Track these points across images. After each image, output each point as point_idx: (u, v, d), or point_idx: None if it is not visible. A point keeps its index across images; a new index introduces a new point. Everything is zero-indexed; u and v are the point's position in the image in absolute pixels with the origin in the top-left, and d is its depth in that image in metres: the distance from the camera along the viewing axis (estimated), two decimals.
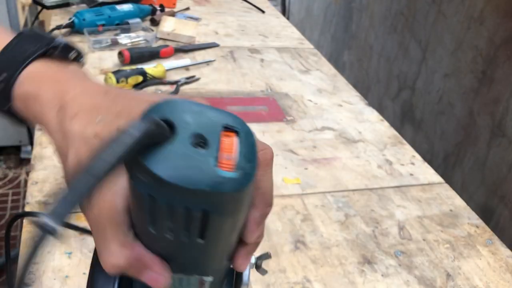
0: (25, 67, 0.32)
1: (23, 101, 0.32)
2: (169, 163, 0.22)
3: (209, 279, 0.30)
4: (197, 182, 0.22)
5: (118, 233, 0.27)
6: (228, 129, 0.25)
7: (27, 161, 2.15)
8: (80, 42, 1.21)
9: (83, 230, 0.64)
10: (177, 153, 0.23)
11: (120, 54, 1.12)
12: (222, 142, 0.24)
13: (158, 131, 0.22)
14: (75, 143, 0.28)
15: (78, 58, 0.35)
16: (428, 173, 0.87)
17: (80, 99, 0.30)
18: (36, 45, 0.33)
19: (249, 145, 0.25)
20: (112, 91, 0.30)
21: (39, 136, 0.83)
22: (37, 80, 0.32)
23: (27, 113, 0.32)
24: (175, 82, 1.07)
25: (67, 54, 0.34)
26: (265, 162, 0.28)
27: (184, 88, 1.07)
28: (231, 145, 0.24)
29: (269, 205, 0.29)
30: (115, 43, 1.21)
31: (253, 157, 0.25)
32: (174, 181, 0.22)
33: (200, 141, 0.23)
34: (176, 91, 1.03)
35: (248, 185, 0.24)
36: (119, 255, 0.27)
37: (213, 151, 0.23)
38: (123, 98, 0.30)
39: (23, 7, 2.20)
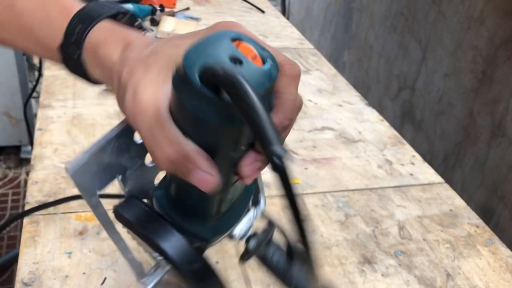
0: (97, 22, 0.37)
1: (93, 48, 0.36)
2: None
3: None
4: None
5: (165, 130, 0.29)
6: (235, 39, 0.29)
7: (27, 161, 2.15)
8: None
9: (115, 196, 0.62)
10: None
11: None
12: (240, 48, 0.29)
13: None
14: (131, 64, 0.32)
15: (142, 28, 0.40)
16: (428, 173, 0.87)
17: (139, 42, 0.34)
18: (108, 8, 0.38)
19: (256, 43, 0.30)
20: (164, 39, 0.35)
21: (39, 136, 0.83)
22: (106, 31, 0.36)
23: (95, 60, 0.36)
24: None
25: (133, 22, 0.39)
26: (291, 75, 0.31)
27: None
28: (249, 48, 0.29)
29: (288, 118, 0.31)
30: None
31: (266, 51, 0.30)
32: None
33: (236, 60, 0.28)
34: None
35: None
36: (170, 149, 0.29)
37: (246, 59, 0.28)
38: (170, 38, 0.34)
39: None
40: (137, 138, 0.37)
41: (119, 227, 0.40)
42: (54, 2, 0.38)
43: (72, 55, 0.37)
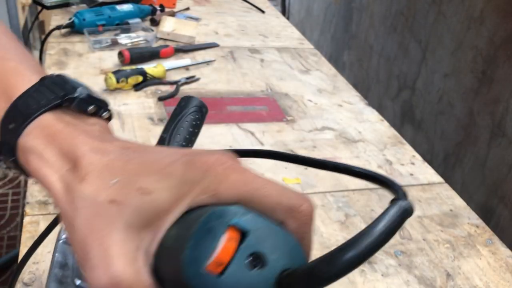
0: (33, 119, 0.29)
1: (25, 155, 0.29)
2: None
3: None
4: None
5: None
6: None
7: None
8: (80, 42, 1.21)
9: None
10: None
11: (120, 54, 1.12)
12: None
13: None
14: (86, 211, 0.26)
15: (99, 112, 0.32)
16: (428, 173, 0.87)
17: (91, 159, 0.27)
18: (50, 96, 0.30)
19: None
20: (130, 148, 0.28)
21: None
22: (43, 135, 0.29)
23: (29, 170, 0.29)
24: (175, 82, 1.07)
25: (85, 108, 0.31)
26: (305, 219, 0.26)
27: (184, 88, 1.07)
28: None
29: None
30: (115, 43, 1.21)
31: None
32: None
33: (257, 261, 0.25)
34: (176, 91, 1.03)
35: None
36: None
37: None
38: (141, 154, 0.27)
39: (23, 7, 2.20)
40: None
41: None
42: None
43: (7, 157, 0.30)
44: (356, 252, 0.23)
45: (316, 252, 0.25)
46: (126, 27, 1.28)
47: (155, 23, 1.36)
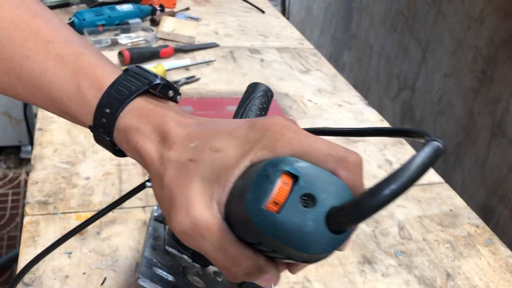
0: (127, 104, 0.35)
1: (125, 134, 0.35)
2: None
3: None
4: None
5: (235, 249, 0.30)
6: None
7: (27, 161, 2.15)
8: None
9: None
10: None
11: (120, 54, 1.12)
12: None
13: None
14: (173, 170, 0.31)
15: (175, 96, 0.38)
16: (428, 173, 0.87)
17: (176, 131, 0.33)
18: (139, 83, 0.36)
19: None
20: (205, 121, 0.34)
21: (39, 136, 0.83)
22: (138, 115, 0.34)
23: (128, 145, 0.35)
24: (175, 82, 1.07)
25: (166, 92, 0.37)
26: (354, 168, 0.30)
27: (184, 88, 1.07)
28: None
29: None
30: (115, 43, 1.21)
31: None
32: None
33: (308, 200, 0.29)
34: None
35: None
36: (246, 265, 0.31)
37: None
38: (213, 124, 0.33)
39: None
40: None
41: None
42: (84, 75, 0.36)
43: (103, 137, 0.36)
44: (395, 186, 0.26)
45: None
46: (126, 27, 1.28)
47: (155, 23, 1.36)
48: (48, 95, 0.37)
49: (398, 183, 0.26)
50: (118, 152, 0.38)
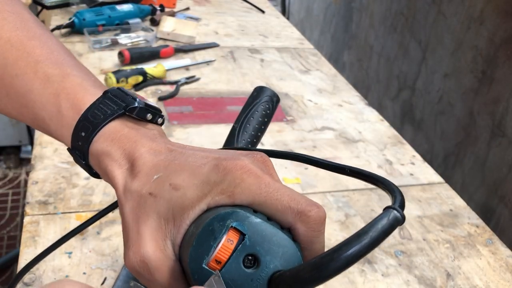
0: (101, 128, 0.34)
1: (97, 157, 0.34)
2: None
3: None
4: None
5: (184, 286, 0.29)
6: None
7: (27, 161, 2.15)
8: (80, 42, 1.21)
9: None
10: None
11: (120, 54, 1.12)
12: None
13: None
14: (132, 202, 0.31)
15: (155, 118, 0.37)
16: (428, 173, 0.87)
17: (144, 159, 0.32)
18: (115, 107, 0.35)
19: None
20: (178, 150, 0.33)
21: (39, 136, 0.83)
22: (110, 139, 0.34)
23: (99, 169, 0.35)
24: (175, 82, 1.07)
25: (144, 115, 0.36)
26: (314, 224, 0.28)
27: (184, 88, 1.07)
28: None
29: None
30: (115, 43, 1.21)
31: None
32: None
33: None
34: (176, 91, 1.03)
35: None
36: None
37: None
38: (183, 155, 0.32)
39: None
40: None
41: None
42: (66, 96, 0.36)
43: (80, 160, 0.36)
44: (340, 260, 0.24)
45: None
46: (126, 27, 1.28)
47: (155, 23, 1.36)
48: (32, 113, 0.37)
49: (342, 259, 0.24)
50: (96, 175, 0.37)
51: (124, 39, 1.23)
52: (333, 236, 0.70)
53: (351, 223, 0.73)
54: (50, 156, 0.78)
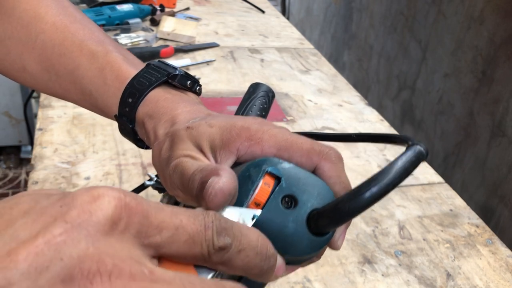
0: (147, 93, 0.38)
1: (142, 120, 0.38)
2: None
3: None
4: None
5: None
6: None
7: (27, 161, 2.15)
8: None
9: None
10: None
11: None
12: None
13: None
14: (172, 137, 0.34)
15: (195, 86, 0.41)
16: (428, 173, 0.87)
17: (184, 116, 0.36)
18: (158, 75, 0.39)
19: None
20: (215, 113, 0.37)
21: (39, 136, 0.83)
22: (155, 101, 0.38)
23: (144, 131, 0.38)
24: None
25: (185, 82, 0.40)
26: (336, 160, 0.32)
27: None
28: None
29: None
30: None
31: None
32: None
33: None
34: None
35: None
36: None
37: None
38: (218, 115, 0.36)
39: None
40: None
41: None
42: (110, 69, 0.40)
43: (127, 125, 0.39)
44: (375, 189, 0.26)
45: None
46: (126, 27, 1.28)
47: (155, 23, 1.36)
48: (80, 89, 0.41)
49: (378, 186, 0.26)
50: (139, 142, 0.41)
51: (124, 39, 1.23)
52: None
53: (351, 223, 0.73)
54: (50, 156, 0.78)
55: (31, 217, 0.20)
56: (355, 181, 0.83)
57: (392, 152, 0.92)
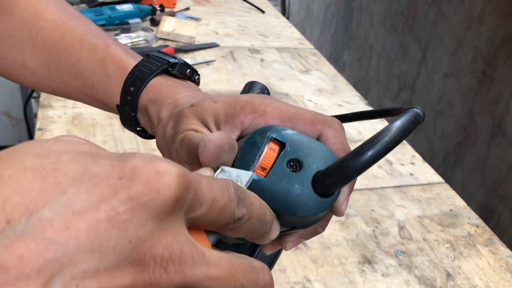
0: (148, 81, 0.39)
1: (145, 107, 0.39)
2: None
3: None
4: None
5: None
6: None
7: None
8: None
9: None
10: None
11: None
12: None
13: None
14: (176, 116, 0.35)
15: (194, 75, 0.42)
16: (428, 173, 0.87)
17: (188, 100, 0.37)
18: (158, 64, 0.40)
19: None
20: (213, 97, 0.37)
21: (39, 136, 0.83)
22: (156, 88, 0.39)
23: (146, 118, 0.39)
24: None
25: (185, 70, 0.41)
26: (338, 127, 0.33)
27: None
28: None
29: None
30: None
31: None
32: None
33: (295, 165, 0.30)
34: None
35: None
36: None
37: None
38: (220, 95, 0.36)
39: None
40: None
41: None
42: (111, 60, 0.41)
43: (129, 114, 0.40)
44: (378, 147, 0.27)
45: (317, 252, 0.25)
46: (126, 27, 1.28)
47: (155, 23, 1.36)
48: (81, 81, 0.42)
49: (380, 144, 0.27)
50: (141, 132, 0.42)
51: (124, 39, 1.23)
52: (333, 236, 0.70)
53: (351, 223, 0.73)
54: None
55: (84, 185, 0.17)
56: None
57: (392, 151, 0.92)
